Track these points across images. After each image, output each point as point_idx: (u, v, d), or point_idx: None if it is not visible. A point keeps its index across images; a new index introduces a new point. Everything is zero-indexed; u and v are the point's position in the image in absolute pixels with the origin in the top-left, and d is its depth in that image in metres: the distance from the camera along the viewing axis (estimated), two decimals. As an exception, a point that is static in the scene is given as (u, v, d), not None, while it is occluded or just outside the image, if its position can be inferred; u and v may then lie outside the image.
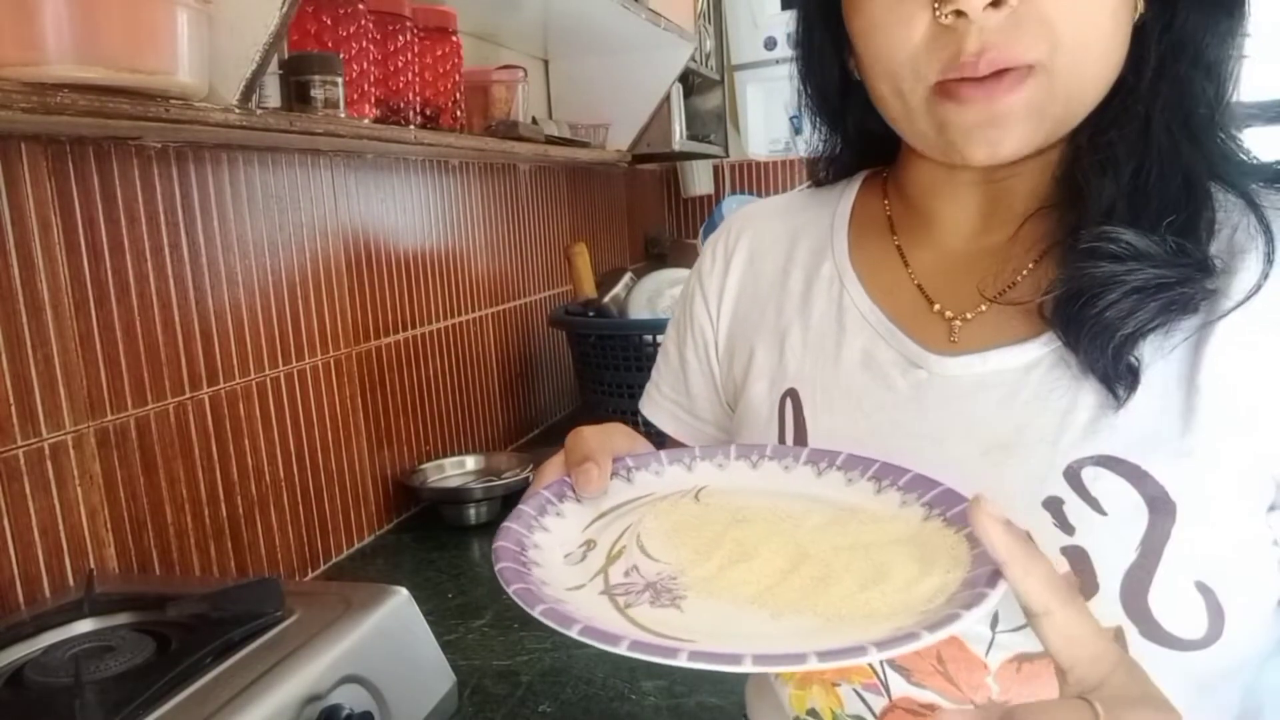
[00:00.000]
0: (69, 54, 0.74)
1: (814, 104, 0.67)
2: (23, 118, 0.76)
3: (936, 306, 0.60)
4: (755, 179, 2.91)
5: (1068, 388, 0.53)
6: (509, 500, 1.47)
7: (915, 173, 0.64)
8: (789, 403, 0.63)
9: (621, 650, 0.39)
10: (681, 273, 1.81)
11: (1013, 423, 0.54)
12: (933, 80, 0.53)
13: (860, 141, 0.68)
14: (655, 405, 0.79)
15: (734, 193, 2.88)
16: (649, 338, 1.66)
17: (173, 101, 0.84)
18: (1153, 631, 0.49)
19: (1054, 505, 0.51)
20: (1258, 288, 0.50)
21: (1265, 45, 0.60)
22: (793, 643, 0.40)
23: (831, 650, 0.38)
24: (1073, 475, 0.51)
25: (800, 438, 0.62)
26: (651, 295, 1.76)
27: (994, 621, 0.52)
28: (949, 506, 0.49)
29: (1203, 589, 0.49)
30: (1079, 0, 0.50)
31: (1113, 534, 0.50)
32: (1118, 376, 0.51)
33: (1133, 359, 0.51)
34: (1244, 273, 0.51)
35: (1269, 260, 0.51)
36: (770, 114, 2.75)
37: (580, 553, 0.50)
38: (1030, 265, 0.57)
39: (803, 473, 0.56)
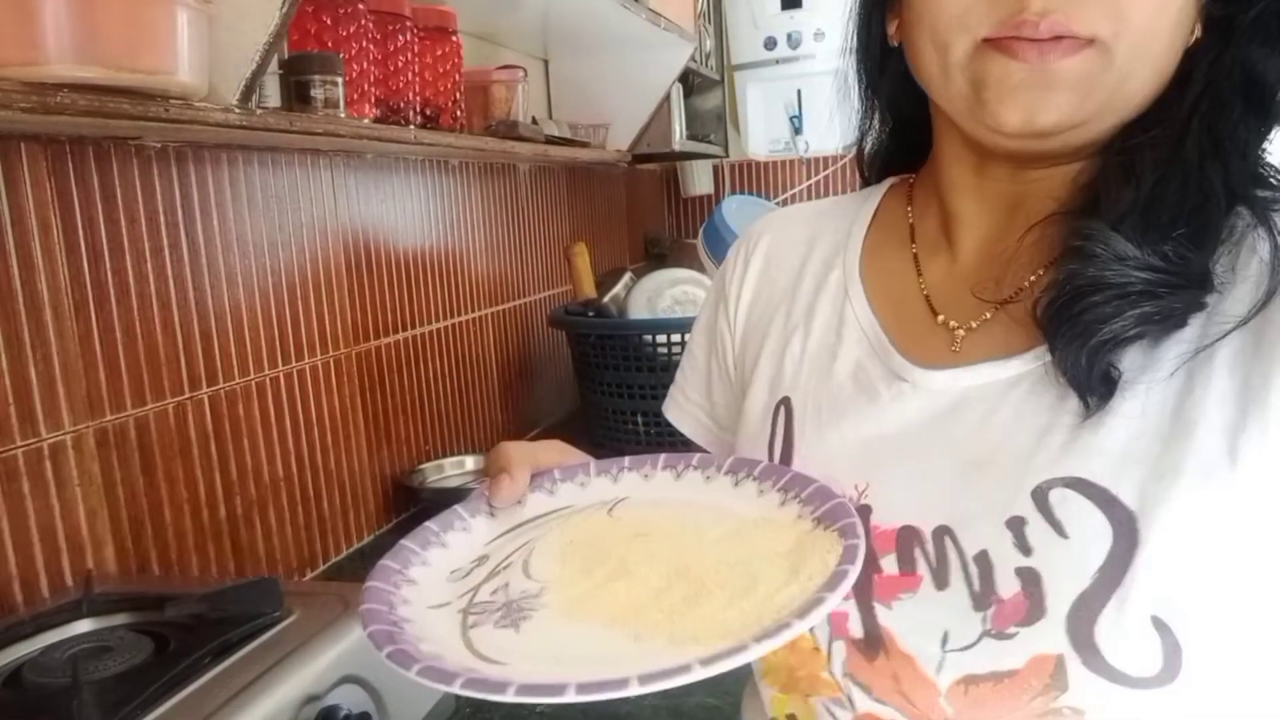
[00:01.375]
0: (69, 54, 0.74)
1: (858, 68, 0.67)
2: (23, 118, 0.76)
3: (941, 318, 0.59)
4: (755, 179, 2.91)
5: (1049, 407, 0.52)
6: (508, 500, 1.47)
7: (944, 169, 0.62)
8: (781, 411, 0.63)
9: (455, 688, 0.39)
10: (682, 273, 1.80)
11: (990, 441, 0.53)
12: (982, 35, 0.51)
13: (892, 121, 0.68)
14: (679, 409, 0.78)
15: (734, 193, 2.88)
16: (649, 338, 1.65)
17: (173, 101, 0.84)
18: (1095, 663, 0.47)
19: (1016, 525, 0.51)
20: (1259, 309, 0.48)
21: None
22: (633, 665, 0.39)
23: (653, 673, 0.38)
24: (1040, 496, 0.50)
25: (787, 448, 0.62)
26: (651, 295, 1.76)
27: (943, 640, 0.52)
28: (839, 518, 0.50)
29: (1159, 625, 0.47)
30: None
31: (1070, 558, 0.49)
32: (1091, 385, 0.49)
33: (1111, 369, 0.49)
34: (1244, 296, 0.49)
35: (1271, 289, 0.49)
36: (770, 114, 2.75)
37: (468, 568, 0.50)
38: (1040, 272, 0.56)
39: (722, 483, 0.58)
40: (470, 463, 1.59)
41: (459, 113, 1.46)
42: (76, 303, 0.95)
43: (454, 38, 1.43)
